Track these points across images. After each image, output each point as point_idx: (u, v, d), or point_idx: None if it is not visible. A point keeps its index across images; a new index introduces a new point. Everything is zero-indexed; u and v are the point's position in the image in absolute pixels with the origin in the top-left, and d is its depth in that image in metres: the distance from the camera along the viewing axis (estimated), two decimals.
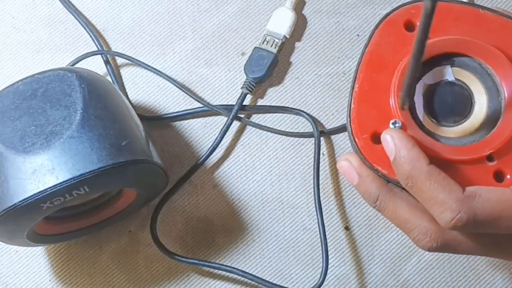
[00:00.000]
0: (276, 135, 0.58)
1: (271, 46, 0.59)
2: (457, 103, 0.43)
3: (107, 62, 0.60)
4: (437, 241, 0.41)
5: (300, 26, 0.60)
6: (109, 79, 0.60)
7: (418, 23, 0.34)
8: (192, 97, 0.59)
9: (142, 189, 0.52)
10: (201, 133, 0.59)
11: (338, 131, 0.57)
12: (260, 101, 0.59)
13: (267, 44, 0.59)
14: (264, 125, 0.58)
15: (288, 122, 0.58)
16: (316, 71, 0.59)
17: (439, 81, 0.43)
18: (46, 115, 0.47)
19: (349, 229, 0.56)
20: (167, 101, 0.60)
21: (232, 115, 0.57)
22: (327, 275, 0.54)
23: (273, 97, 0.59)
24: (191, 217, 0.57)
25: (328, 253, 0.54)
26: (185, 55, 0.61)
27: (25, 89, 0.48)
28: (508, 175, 0.41)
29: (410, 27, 0.44)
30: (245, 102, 0.58)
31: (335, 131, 0.57)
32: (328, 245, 0.55)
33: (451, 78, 0.43)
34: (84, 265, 0.56)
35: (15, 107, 0.48)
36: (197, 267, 0.56)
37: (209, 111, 0.58)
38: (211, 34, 0.61)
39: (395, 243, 0.55)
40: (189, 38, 0.61)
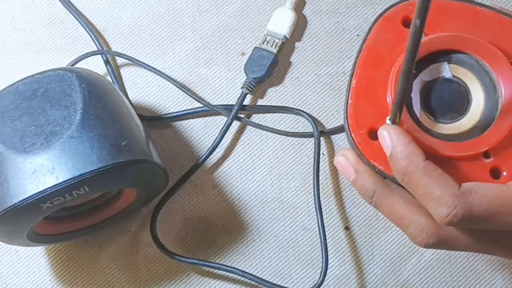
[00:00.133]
0: (276, 135, 0.58)
1: (271, 46, 0.59)
2: (454, 100, 0.43)
3: (107, 62, 0.60)
4: (433, 237, 0.41)
5: (300, 26, 0.60)
6: (109, 79, 0.60)
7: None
8: (192, 97, 0.59)
9: (142, 189, 0.52)
10: (201, 133, 0.59)
11: (338, 131, 0.57)
12: (260, 101, 0.59)
13: (267, 44, 0.59)
14: (264, 125, 0.58)
15: (288, 122, 0.58)
16: (316, 71, 0.59)
17: (436, 78, 0.43)
18: (46, 115, 0.47)
19: (349, 229, 0.56)
20: (167, 101, 0.60)
21: (232, 115, 0.57)
22: (327, 275, 0.54)
23: (273, 97, 0.59)
24: (191, 217, 0.57)
25: (328, 253, 0.54)
26: (185, 55, 0.61)
27: (25, 89, 0.48)
28: (504, 172, 0.41)
29: (407, 23, 0.43)
30: (245, 102, 0.58)
31: (335, 131, 0.57)
32: (328, 245, 0.55)
33: (448, 75, 0.43)
34: (84, 265, 0.56)
35: (15, 107, 0.48)
36: (197, 267, 0.56)
37: (209, 111, 0.58)
38: (211, 34, 0.61)
39: (395, 243, 0.55)
40: (189, 38, 0.61)
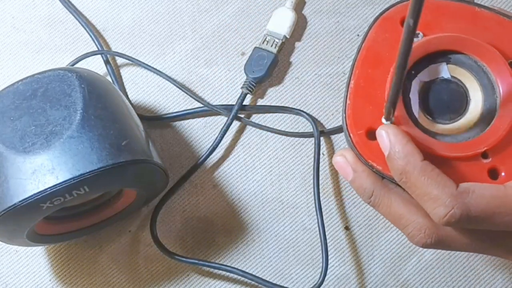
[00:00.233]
0: (276, 135, 0.58)
1: (271, 46, 0.59)
2: (453, 101, 0.43)
3: (107, 62, 0.60)
4: (431, 237, 0.41)
5: (300, 26, 0.60)
6: (109, 79, 0.60)
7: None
8: (192, 97, 0.59)
9: (142, 189, 0.52)
10: (201, 133, 0.59)
11: (338, 131, 0.57)
12: (260, 101, 0.59)
13: (267, 44, 0.59)
14: (264, 125, 0.58)
15: (288, 122, 0.58)
16: (316, 71, 0.59)
17: (435, 78, 0.43)
18: (46, 115, 0.47)
19: (349, 229, 0.56)
20: (167, 101, 0.60)
21: (232, 115, 0.57)
22: (327, 275, 0.54)
23: (273, 97, 0.59)
24: (191, 217, 0.57)
25: (328, 253, 0.54)
26: (185, 55, 0.61)
27: (25, 89, 0.48)
28: (502, 173, 0.41)
29: None
30: (245, 102, 0.58)
31: (335, 131, 0.57)
32: (328, 245, 0.55)
33: (447, 75, 0.43)
34: (84, 265, 0.56)
35: (15, 107, 0.48)
36: (197, 267, 0.56)
37: (209, 111, 0.58)
38: (211, 34, 0.61)
39: (395, 243, 0.55)
40: (189, 38, 0.61)
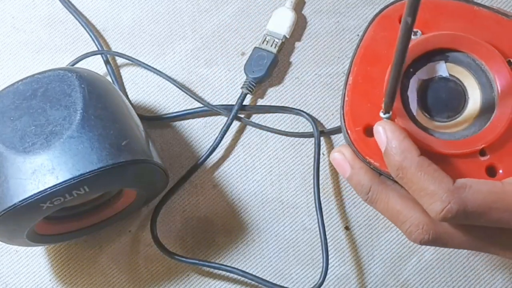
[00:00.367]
0: (276, 135, 0.58)
1: (271, 46, 0.59)
2: (451, 99, 0.43)
3: (107, 62, 0.60)
4: (428, 233, 0.41)
5: (300, 26, 0.60)
6: (109, 79, 0.60)
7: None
8: (192, 97, 0.59)
9: (142, 189, 0.52)
10: (201, 133, 0.59)
11: (338, 131, 0.57)
12: (260, 101, 0.59)
13: (267, 44, 0.59)
14: (264, 125, 0.58)
15: (288, 122, 0.58)
16: (316, 71, 0.59)
17: (433, 76, 0.43)
18: (46, 115, 0.47)
19: (349, 229, 0.56)
20: (167, 101, 0.60)
21: (232, 115, 0.57)
22: (328, 275, 0.54)
23: (273, 97, 0.59)
24: (191, 217, 0.57)
25: (328, 253, 0.54)
26: (185, 55, 0.61)
27: (25, 89, 0.48)
28: (500, 170, 0.41)
29: None
30: (245, 102, 0.58)
31: (335, 131, 0.57)
32: (328, 245, 0.55)
33: (445, 73, 0.43)
34: (84, 265, 0.56)
35: (15, 107, 0.48)
36: (197, 267, 0.56)
37: (209, 111, 0.58)
38: (211, 34, 0.61)
39: (395, 243, 0.55)
40: (189, 38, 0.61)
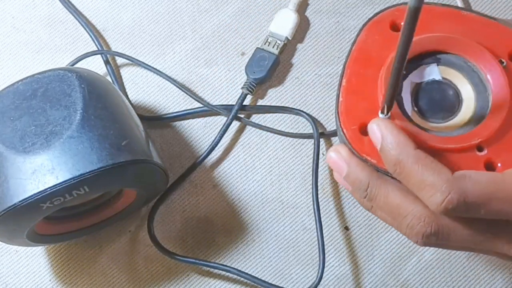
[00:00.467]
0: (276, 134, 0.58)
1: (273, 47, 0.59)
2: (445, 101, 0.43)
3: (107, 62, 0.60)
4: (430, 225, 0.40)
5: (302, 28, 0.60)
6: (109, 79, 0.60)
7: (402, 23, 0.35)
8: (192, 97, 0.59)
9: (142, 189, 0.52)
10: (201, 133, 0.59)
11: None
12: (260, 101, 0.59)
13: (269, 45, 0.59)
14: (264, 125, 0.58)
15: (288, 122, 0.58)
16: (316, 71, 0.59)
17: (426, 80, 0.43)
18: (46, 115, 0.47)
19: (349, 229, 0.56)
20: (167, 101, 0.60)
21: (231, 115, 0.57)
22: (328, 275, 0.54)
23: (273, 97, 0.59)
24: (191, 217, 0.57)
25: (325, 253, 0.53)
26: (185, 55, 0.61)
27: (25, 89, 0.48)
28: (499, 164, 0.41)
29: (395, 27, 0.44)
30: (245, 102, 0.58)
31: (335, 133, 0.57)
32: (328, 245, 0.55)
33: (438, 77, 0.43)
34: (84, 265, 0.56)
35: (15, 107, 0.48)
36: (197, 267, 0.56)
37: (209, 111, 0.58)
38: (211, 34, 0.61)
39: (395, 243, 0.55)
40: (189, 38, 0.61)
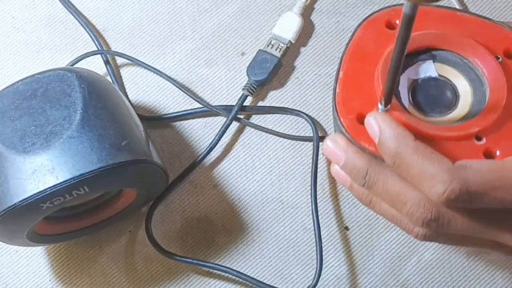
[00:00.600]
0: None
1: (276, 50, 0.59)
2: (442, 98, 0.43)
3: (107, 62, 0.60)
4: (431, 211, 0.40)
5: (306, 32, 0.60)
6: (109, 79, 0.60)
7: (398, 22, 0.36)
8: (192, 97, 0.59)
9: (142, 189, 0.52)
10: (201, 133, 0.59)
11: None
12: (260, 103, 0.59)
13: (271, 47, 0.59)
14: (264, 126, 0.58)
15: (288, 122, 0.58)
16: (316, 71, 0.59)
17: (423, 76, 0.44)
18: (46, 115, 0.47)
19: (348, 229, 0.56)
20: (167, 101, 0.60)
21: (231, 116, 0.57)
22: (327, 275, 0.54)
23: (273, 97, 0.59)
24: (191, 217, 0.57)
25: (322, 254, 0.53)
26: (185, 55, 0.61)
27: (25, 89, 0.48)
28: (497, 152, 0.41)
29: (390, 26, 0.45)
30: (245, 103, 0.58)
31: None
32: (328, 245, 0.55)
33: (435, 74, 0.44)
34: (84, 265, 0.56)
35: (15, 107, 0.48)
36: (197, 267, 0.56)
37: (209, 111, 0.58)
38: (211, 34, 0.61)
39: (395, 243, 0.55)
40: (189, 38, 0.61)
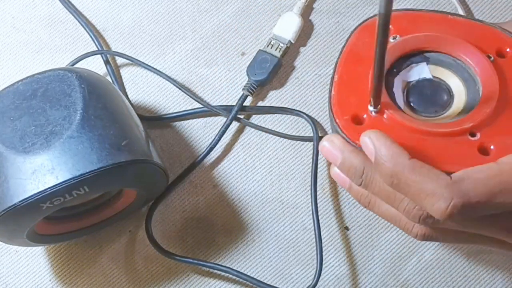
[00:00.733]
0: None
1: (276, 50, 0.59)
2: (437, 98, 0.44)
3: (107, 62, 0.60)
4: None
5: (305, 31, 0.60)
6: (109, 79, 0.60)
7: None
8: (192, 98, 0.59)
9: (142, 189, 0.52)
10: (201, 133, 0.59)
11: None
12: (260, 102, 0.59)
13: (271, 47, 0.59)
14: (264, 126, 0.58)
15: (288, 122, 0.58)
16: (316, 71, 0.59)
17: (417, 78, 0.44)
18: (46, 115, 0.47)
19: (348, 229, 0.56)
20: (167, 101, 0.60)
21: (231, 116, 0.57)
22: (327, 275, 0.54)
23: (273, 97, 0.59)
24: (191, 217, 0.57)
25: (322, 254, 0.53)
26: (185, 55, 0.61)
27: (25, 89, 0.48)
28: (491, 146, 0.41)
29: None
30: (245, 103, 0.58)
31: None
32: (328, 245, 0.55)
33: (429, 75, 0.44)
34: (84, 265, 0.56)
35: (15, 107, 0.48)
36: (197, 267, 0.56)
37: (209, 111, 0.58)
38: (211, 34, 0.61)
39: (395, 243, 0.55)
40: (189, 38, 0.61)
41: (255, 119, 0.59)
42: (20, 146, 0.46)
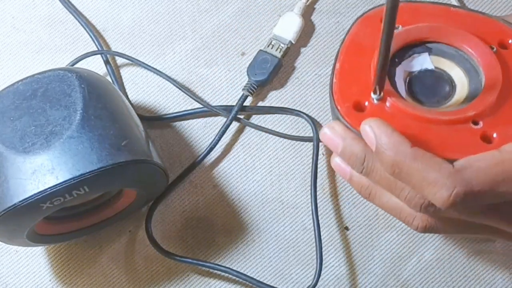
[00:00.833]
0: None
1: (276, 50, 0.59)
2: (439, 88, 0.44)
3: (107, 62, 0.60)
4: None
5: (305, 31, 0.60)
6: (109, 79, 0.60)
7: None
8: (192, 98, 0.59)
9: (142, 189, 0.52)
10: (201, 133, 0.59)
11: None
12: (260, 103, 0.59)
13: (272, 48, 0.59)
14: (264, 126, 0.58)
15: (288, 122, 0.58)
16: (316, 71, 0.59)
17: (419, 69, 0.44)
18: (46, 115, 0.47)
19: (348, 229, 0.56)
20: (167, 101, 0.60)
21: (231, 117, 0.57)
22: (327, 276, 0.54)
23: (273, 97, 0.59)
24: (191, 217, 0.57)
25: (322, 254, 0.53)
26: (185, 55, 0.61)
27: (25, 89, 0.48)
28: (494, 134, 0.41)
29: None
30: (245, 103, 0.58)
31: None
32: (327, 245, 0.55)
33: (431, 66, 0.44)
34: (84, 265, 0.56)
35: (15, 107, 0.48)
36: (197, 267, 0.56)
37: (209, 111, 0.58)
38: (211, 34, 0.61)
39: (395, 243, 0.55)
40: (189, 38, 0.61)
41: (255, 119, 0.59)
42: (20, 146, 0.46)
